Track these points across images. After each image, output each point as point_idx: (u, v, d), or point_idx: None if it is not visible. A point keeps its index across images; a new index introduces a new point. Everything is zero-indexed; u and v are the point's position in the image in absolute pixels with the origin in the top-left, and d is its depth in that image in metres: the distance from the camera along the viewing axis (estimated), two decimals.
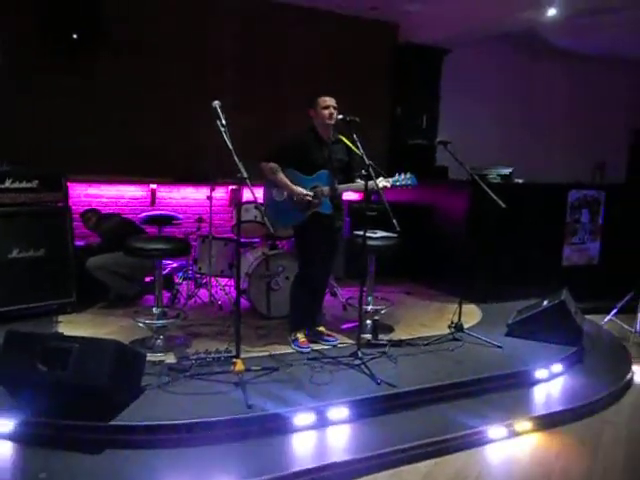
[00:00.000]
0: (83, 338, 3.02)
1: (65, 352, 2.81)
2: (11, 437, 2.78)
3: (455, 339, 4.23)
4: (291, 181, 3.80)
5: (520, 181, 5.72)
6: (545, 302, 4.41)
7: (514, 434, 3.24)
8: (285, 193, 3.85)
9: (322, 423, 3.08)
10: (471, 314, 4.93)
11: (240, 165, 3.16)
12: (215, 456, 2.76)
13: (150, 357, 3.49)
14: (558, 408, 3.50)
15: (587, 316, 4.97)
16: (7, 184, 4.34)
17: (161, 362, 3.57)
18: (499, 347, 4.11)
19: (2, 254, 4.25)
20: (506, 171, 5.60)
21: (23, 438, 2.77)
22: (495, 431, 3.19)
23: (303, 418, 3.05)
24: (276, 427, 2.98)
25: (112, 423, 2.80)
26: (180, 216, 5.61)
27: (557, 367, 3.94)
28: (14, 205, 4.35)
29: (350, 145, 3.79)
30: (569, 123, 8.61)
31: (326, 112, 3.77)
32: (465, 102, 7.56)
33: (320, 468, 2.72)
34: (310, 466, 2.71)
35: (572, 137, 8.57)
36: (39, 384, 2.82)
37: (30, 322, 4.20)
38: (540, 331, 4.27)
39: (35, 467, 2.57)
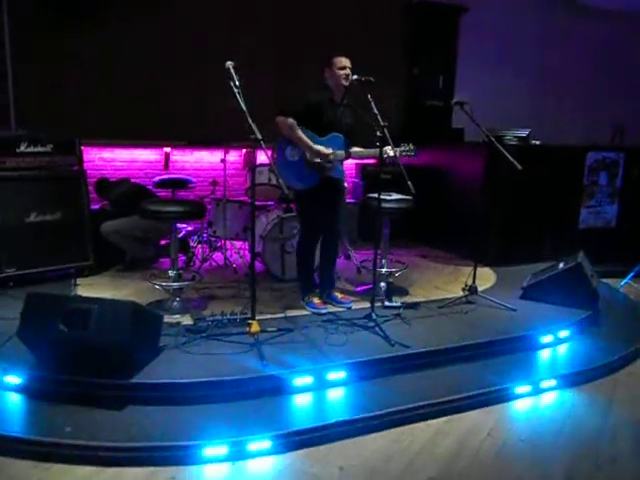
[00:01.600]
0: (102, 299, 3.06)
1: (85, 313, 2.86)
2: (37, 394, 2.86)
3: (469, 302, 4.24)
4: None
5: (537, 143, 5.63)
6: (561, 265, 4.39)
7: (526, 394, 3.27)
8: (299, 153, 3.79)
9: (336, 382, 3.13)
10: (485, 277, 4.93)
11: (254, 127, 3.14)
12: (232, 413, 2.82)
13: (167, 319, 3.54)
14: (571, 370, 3.52)
15: (603, 279, 4.96)
16: (22, 148, 4.36)
17: (178, 323, 3.63)
18: (513, 310, 4.12)
19: (19, 218, 4.29)
20: (523, 133, 5.50)
21: (48, 395, 2.85)
22: (507, 391, 3.23)
23: (318, 377, 3.10)
24: (291, 386, 3.03)
25: (133, 381, 2.87)
26: (194, 179, 5.62)
27: (571, 330, 3.94)
28: (30, 169, 4.38)
29: (357, 110, 3.74)
30: (589, 84, 8.38)
31: (342, 72, 3.71)
32: (482, 62, 7.38)
33: (335, 424, 2.77)
34: (325, 422, 2.76)
35: (591, 99, 8.35)
36: (61, 344, 2.89)
37: (49, 285, 4.28)
38: (555, 294, 4.25)
39: (61, 422, 2.65)
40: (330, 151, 3.72)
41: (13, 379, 2.92)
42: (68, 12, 5.38)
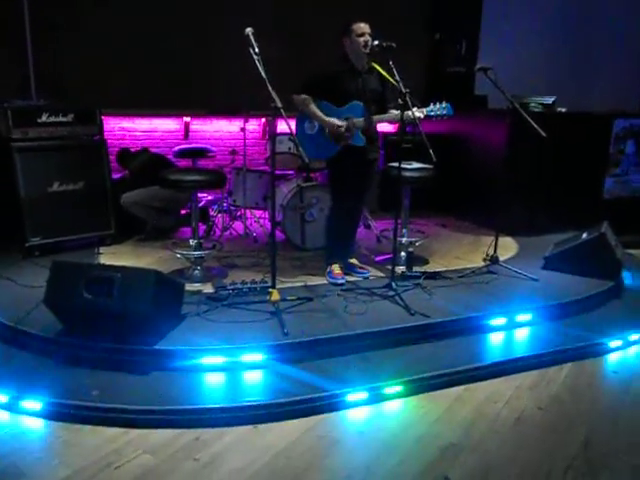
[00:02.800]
0: (125, 268, 3.12)
1: (109, 281, 2.91)
2: (64, 359, 2.94)
3: (490, 272, 4.21)
4: (323, 113, 3.73)
5: (563, 110, 5.49)
6: (584, 235, 4.32)
7: (546, 365, 3.27)
8: (317, 125, 3.78)
9: (356, 350, 3.16)
10: (507, 247, 4.89)
11: (274, 94, 3.10)
12: (254, 380, 2.88)
13: (188, 287, 3.60)
14: (590, 340, 3.49)
15: (629, 250, 4.88)
16: (44, 118, 4.39)
17: (199, 292, 3.68)
18: (535, 280, 4.09)
19: (43, 187, 4.35)
20: (548, 100, 5.37)
21: (75, 360, 2.93)
22: (526, 360, 3.23)
23: (335, 345, 3.12)
24: (311, 354, 3.07)
25: (156, 347, 2.94)
26: (214, 149, 5.62)
27: (593, 300, 3.90)
28: (52, 139, 4.41)
29: (384, 74, 3.67)
30: (618, 50, 8.10)
31: (361, 39, 3.63)
32: (507, 27, 7.16)
33: (354, 391, 2.81)
34: (345, 389, 2.80)
35: (620, 65, 8.08)
36: (86, 311, 2.95)
37: (73, 254, 4.35)
38: (578, 264, 4.20)
39: (88, 386, 2.73)
40: (338, 122, 3.68)
41: (41, 344, 3.00)
42: None
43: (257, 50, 3.16)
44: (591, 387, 3.09)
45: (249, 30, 3.19)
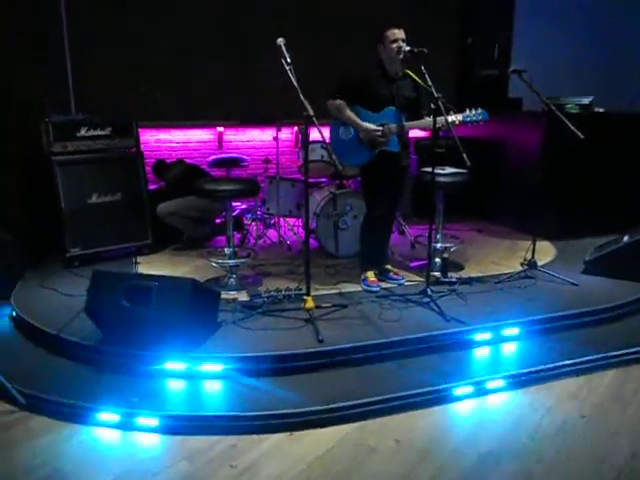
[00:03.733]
0: (162, 277, 3.17)
1: (146, 290, 2.97)
2: (104, 367, 3.00)
3: (528, 277, 4.13)
4: (358, 118, 3.73)
5: (601, 110, 5.36)
6: (625, 238, 4.20)
7: (590, 370, 3.18)
8: (352, 131, 3.79)
9: (391, 357, 3.13)
10: (545, 251, 4.78)
11: (306, 103, 3.13)
12: (288, 386, 2.87)
13: (224, 295, 3.63)
14: (635, 347, 3.38)
15: None
16: (83, 132, 4.51)
17: (234, 300, 3.71)
18: (575, 284, 3.99)
19: (82, 199, 4.46)
20: (586, 100, 5.25)
21: (114, 367, 2.98)
22: (568, 367, 3.15)
23: (371, 352, 3.11)
24: (346, 360, 3.06)
25: (193, 355, 2.97)
26: (247, 158, 5.68)
27: (637, 304, 3.78)
28: (90, 152, 4.53)
29: (418, 80, 3.66)
30: None
31: (394, 46, 3.62)
32: (541, 28, 7.05)
33: (391, 398, 2.78)
34: (381, 397, 2.78)
35: None
36: (125, 319, 3.01)
37: (111, 264, 4.44)
38: (620, 268, 4.09)
39: (128, 393, 2.77)
40: (374, 127, 3.68)
41: (83, 352, 3.08)
42: None
43: (289, 60, 3.19)
44: (637, 394, 2.99)
45: (281, 40, 3.22)
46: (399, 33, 3.65)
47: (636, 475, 2.36)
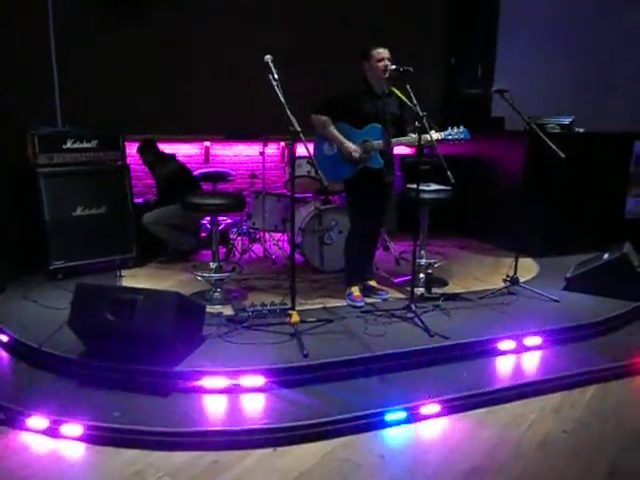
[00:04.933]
0: (147, 290, 3.16)
1: (131, 303, 2.96)
2: (87, 381, 2.98)
3: (510, 293, 4.18)
4: (342, 134, 3.78)
5: (581, 130, 5.48)
6: (606, 255, 4.28)
7: (569, 386, 3.21)
8: (335, 147, 3.83)
9: (375, 372, 3.14)
10: (527, 268, 4.85)
11: (293, 119, 3.17)
12: (272, 401, 2.87)
13: (209, 309, 3.62)
14: (616, 362, 3.43)
15: None
16: (69, 144, 4.50)
17: (220, 314, 3.71)
18: (556, 301, 4.05)
19: (67, 212, 4.44)
20: (566, 120, 5.37)
21: (97, 381, 2.96)
22: (550, 382, 3.19)
23: (356, 367, 3.12)
24: (331, 375, 3.06)
25: (177, 369, 2.96)
26: (233, 172, 5.70)
27: (616, 321, 3.84)
28: (76, 164, 4.52)
29: (403, 98, 3.72)
30: (635, 69, 8.06)
31: (380, 64, 3.68)
32: (523, 48, 7.20)
33: (374, 414, 2.79)
34: (367, 412, 2.78)
35: (638, 84, 8.04)
36: (109, 333, 2.99)
37: (95, 277, 4.42)
38: (600, 285, 4.16)
39: (110, 406, 2.75)
40: (354, 147, 3.73)
41: (64, 366, 3.05)
42: (106, 9, 5.52)
43: (276, 76, 3.22)
44: (616, 410, 3.03)
45: (268, 57, 3.26)
46: (384, 52, 3.71)
47: None
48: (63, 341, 3.18)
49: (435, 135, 3.65)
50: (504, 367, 3.35)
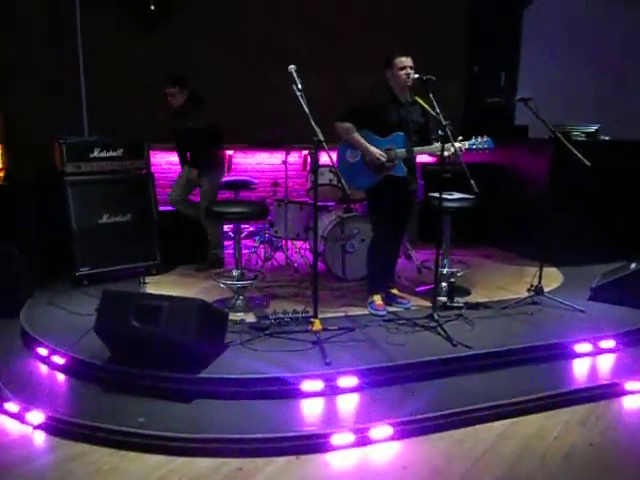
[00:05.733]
0: (172, 297, 3.20)
1: (156, 310, 2.99)
2: (112, 386, 3.02)
3: (534, 302, 4.13)
4: (365, 142, 3.79)
5: (606, 138, 5.41)
6: (633, 265, 4.20)
7: (597, 398, 3.16)
8: (359, 154, 3.84)
9: (397, 380, 3.13)
10: (552, 277, 4.79)
11: (317, 129, 3.19)
12: (293, 408, 2.89)
13: (231, 316, 3.64)
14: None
15: None
16: (95, 153, 4.59)
17: (242, 321, 3.73)
18: (581, 311, 3.98)
19: (93, 219, 4.52)
20: (592, 128, 5.31)
21: (122, 387, 3.00)
22: (575, 394, 3.13)
23: (378, 375, 3.11)
24: (354, 383, 3.06)
25: (201, 375, 2.98)
26: (256, 181, 5.74)
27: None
28: (102, 173, 4.61)
29: (426, 106, 3.72)
30: None
31: (403, 73, 3.70)
32: (547, 56, 7.14)
33: (398, 423, 2.78)
34: (389, 420, 2.77)
35: None
36: (134, 339, 3.03)
37: (120, 283, 4.49)
38: (628, 295, 4.08)
39: (135, 412, 2.79)
40: (380, 152, 3.73)
41: (90, 371, 3.09)
42: (131, 20, 5.65)
43: (300, 86, 3.25)
44: None
45: (292, 67, 3.29)
46: (407, 61, 3.72)
47: None
48: (89, 347, 3.23)
49: (459, 145, 3.64)
50: (526, 377, 3.27)
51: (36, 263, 4.43)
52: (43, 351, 3.36)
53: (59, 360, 3.24)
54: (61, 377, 3.20)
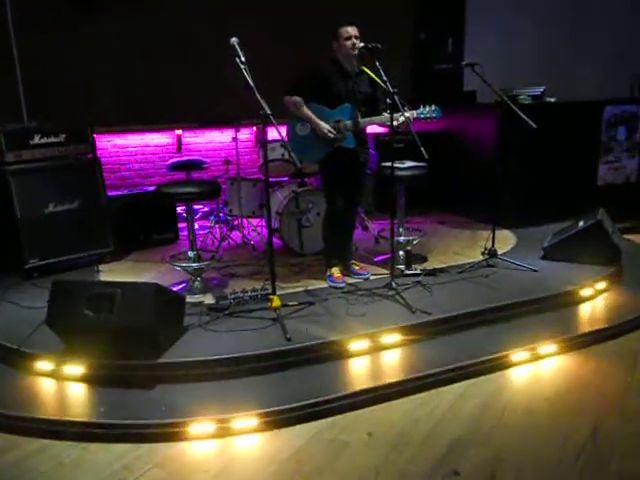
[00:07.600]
0: (125, 283, 3.12)
1: (109, 297, 2.92)
2: (69, 378, 2.95)
3: (489, 265, 4.22)
4: (315, 115, 3.75)
5: (552, 100, 5.51)
6: (581, 223, 4.33)
7: (551, 354, 3.27)
8: (309, 126, 3.80)
9: (359, 352, 3.16)
10: (505, 240, 4.89)
11: (263, 102, 3.12)
12: (259, 386, 2.89)
13: (189, 299, 3.60)
14: (594, 327, 3.50)
15: (626, 235, 4.90)
16: (36, 140, 4.39)
17: (200, 303, 3.68)
18: (535, 270, 4.09)
19: (39, 208, 4.34)
20: (537, 91, 5.39)
21: (80, 378, 2.94)
22: (531, 352, 3.24)
23: (341, 347, 3.14)
24: (315, 357, 3.07)
25: (160, 360, 2.94)
26: (207, 160, 5.63)
27: (595, 287, 3.91)
28: (45, 160, 4.41)
29: (373, 76, 3.69)
30: (604, 36, 8.10)
31: (348, 43, 3.66)
32: (492, 20, 7.18)
33: (361, 391, 2.81)
34: (350, 390, 2.80)
35: (607, 51, 8.08)
36: (88, 329, 2.95)
37: (72, 273, 4.36)
38: (577, 253, 4.22)
39: (95, 403, 2.75)
40: (328, 127, 3.71)
41: (45, 365, 3.01)
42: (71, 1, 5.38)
43: (243, 59, 3.17)
44: (597, 374, 3.09)
45: (234, 40, 3.20)
46: (352, 30, 3.68)
47: (597, 449, 2.45)
48: (43, 340, 3.13)
49: (407, 114, 3.64)
50: (487, 339, 3.36)
51: None
52: None
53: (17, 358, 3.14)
54: (15, 373, 3.10)
